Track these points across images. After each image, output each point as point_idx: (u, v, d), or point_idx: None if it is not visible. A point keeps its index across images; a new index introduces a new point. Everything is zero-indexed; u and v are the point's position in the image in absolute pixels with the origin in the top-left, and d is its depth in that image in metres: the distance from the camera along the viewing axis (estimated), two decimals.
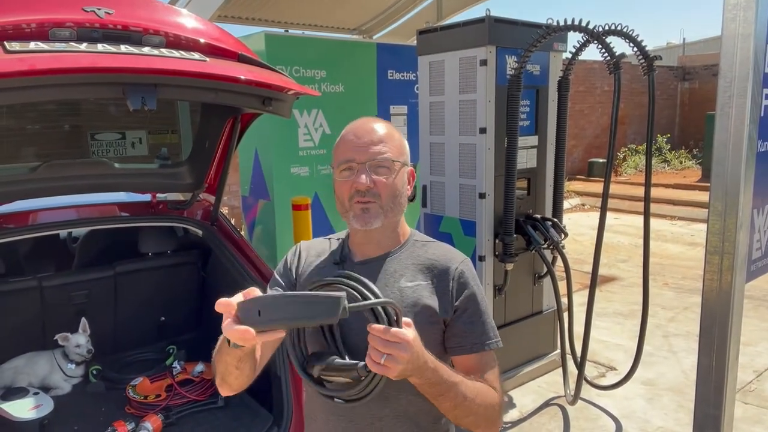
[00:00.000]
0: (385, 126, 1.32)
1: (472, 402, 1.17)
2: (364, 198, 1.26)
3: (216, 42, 2.20)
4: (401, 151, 1.32)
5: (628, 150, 14.10)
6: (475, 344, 1.27)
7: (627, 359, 4.00)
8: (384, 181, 1.26)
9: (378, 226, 1.28)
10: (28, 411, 2.59)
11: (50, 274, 3.09)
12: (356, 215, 1.27)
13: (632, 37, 3.05)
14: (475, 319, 1.29)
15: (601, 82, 14.16)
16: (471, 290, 1.30)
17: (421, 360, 1.08)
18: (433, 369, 1.11)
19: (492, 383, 1.26)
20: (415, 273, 1.31)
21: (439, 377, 1.12)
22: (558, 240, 3.63)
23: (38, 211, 2.85)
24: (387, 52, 5.02)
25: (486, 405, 1.20)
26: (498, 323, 3.71)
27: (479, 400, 1.19)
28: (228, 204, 8.12)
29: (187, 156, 3.01)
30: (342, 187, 1.28)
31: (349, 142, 1.29)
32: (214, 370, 1.28)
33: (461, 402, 1.15)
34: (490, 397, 1.22)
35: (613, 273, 6.57)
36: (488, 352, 1.29)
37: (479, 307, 1.30)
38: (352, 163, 1.27)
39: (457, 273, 1.30)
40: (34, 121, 2.77)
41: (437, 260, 1.32)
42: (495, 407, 1.23)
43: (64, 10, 1.91)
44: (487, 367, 1.27)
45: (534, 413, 3.59)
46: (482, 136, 3.53)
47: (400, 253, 1.35)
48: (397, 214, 1.32)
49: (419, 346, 1.08)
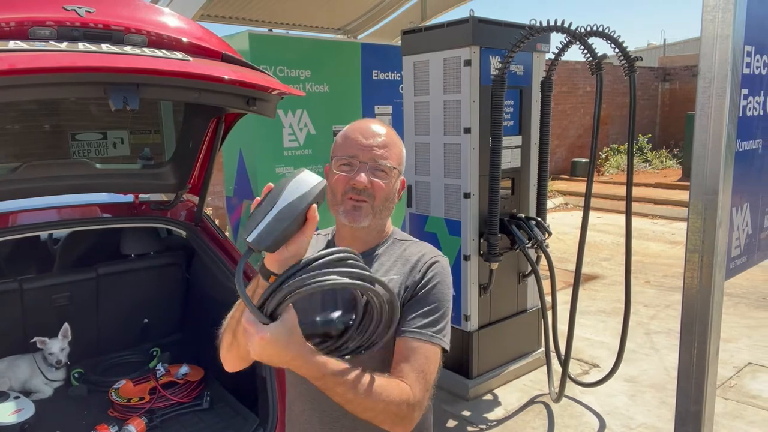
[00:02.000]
0: (391, 133, 1.36)
1: (365, 398, 1.12)
2: (359, 196, 1.29)
3: (199, 41, 2.18)
4: (400, 159, 1.36)
5: (610, 150, 14.25)
6: (406, 330, 1.24)
7: (610, 356, 4.04)
8: (381, 184, 1.30)
9: (365, 225, 1.31)
10: (8, 415, 2.55)
11: (31, 276, 3.04)
12: (346, 210, 1.30)
13: (614, 38, 3.09)
14: (420, 306, 1.27)
15: (584, 82, 14.29)
16: (433, 281, 1.29)
17: (283, 356, 1.06)
18: (309, 367, 1.09)
19: (410, 379, 1.20)
20: (390, 269, 1.34)
21: (318, 374, 1.10)
22: (542, 239, 3.67)
23: (18, 213, 2.80)
24: (372, 52, 5.02)
25: (387, 402, 1.14)
26: (483, 322, 3.78)
27: (376, 396, 1.13)
28: (212, 204, 8.05)
29: (171, 156, 2.98)
30: (338, 180, 1.30)
31: (355, 140, 1.31)
32: (221, 336, 1.28)
33: (351, 398, 1.12)
34: (397, 393, 1.16)
35: (596, 271, 6.64)
36: (419, 344, 1.24)
37: (434, 298, 1.28)
38: (354, 159, 1.29)
39: (427, 264, 1.32)
40: (13, 120, 2.73)
41: (411, 256, 1.35)
42: (402, 404, 1.16)
43: (44, 9, 1.89)
44: (411, 358, 1.22)
45: (519, 411, 3.61)
46: (467, 136, 3.55)
47: (380, 251, 1.38)
48: (385, 217, 1.36)
49: (281, 344, 1.04)
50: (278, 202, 1.03)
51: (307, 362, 1.08)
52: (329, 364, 1.11)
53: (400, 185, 1.39)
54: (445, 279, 1.32)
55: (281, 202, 1.03)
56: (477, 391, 3.77)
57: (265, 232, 1.01)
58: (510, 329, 3.99)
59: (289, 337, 1.05)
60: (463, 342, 3.77)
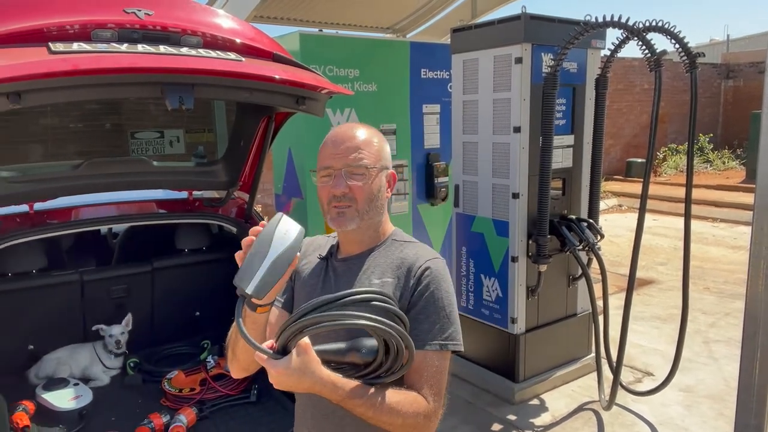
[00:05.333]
0: (365, 132, 1.38)
1: (385, 415, 1.18)
2: (341, 203, 1.34)
3: (252, 42, 2.23)
4: (379, 156, 1.37)
5: (668, 150, 13.73)
6: (416, 342, 1.24)
7: (664, 365, 3.89)
8: (360, 186, 1.33)
9: (353, 228, 1.35)
10: (68, 401, 2.68)
11: (91, 269, 3.19)
12: (332, 218, 1.36)
13: (674, 34, 2.97)
14: (423, 317, 1.29)
15: (641, 79, 13.83)
16: (429, 288, 1.31)
17: (302, 386, 1.11)
18: (328, 392, 1.14)
19: (424, 391, 1.24)
20: (385, 271, 1.36)
21: (338, 398, 1.15)
22: (594, 241, 3.56)
23: (80, 208, 2.94)
24: (420, 51, 5.00)
25: (405, 416, 1.19)
26: (530, 325, 3.70)
27: (395, 413, 1.18)
28: (261, 202, 8.23)
29: (223, 154, 3.06)
30: (321, 191, 1.37)
31: (328, 149, 1.36)
32: (227, 347, 1.38)
33: (371, 416, 1.17)
34: (413, 407, 1.21)
35: (651, 276, 6.41)
36: (431, 354, 1.27)
37: (435, 305, 1.30)
38: (330, 169, 1.34)
39: (420, 270, 1.32)
40: (77, 120, 2.86)
41: (406, 259, 1.36)
42: (419, 417, 1.21)
43: (105, 12, 1.97)
44: (423, 369, 1.25)
45: (567, 418, 3.53)
46: (516, 135, 3.48)
47: (377, 252, 1.40)
48: (374, 216, 1.38)
49: (297, 375, 1.09)
50: (269, 254, 1.13)
51: (326, 387, 1.13)
52: (348, 386, 1.15)
53: (388, 179, 1.41)
54: (441, 283, 1.33)
55: (272, 253, 1.14)
56: (523, 395, 3.70)
57: (262, 283, 1.12)
58: (559, 333, 3.90)
59: (304, 368, 1.10)
60: (510, 345, 3.71)
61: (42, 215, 2.79)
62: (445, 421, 3.82)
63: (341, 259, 1.43)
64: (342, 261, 1.42)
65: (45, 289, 2.94)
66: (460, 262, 4.02)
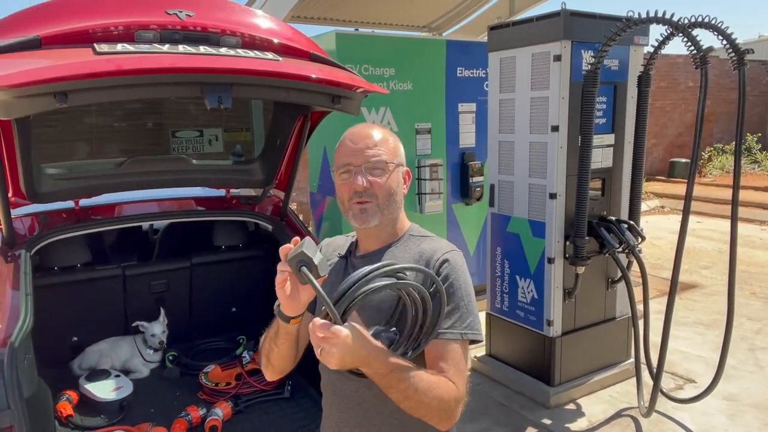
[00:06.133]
0: (380, 131, 1.42)
1: (423, 395, 1.19)
2: (362, 198, 1.36)
3: (289, 42, 2.25)
4: (395, 153, 1.41)
5: (713, 149, 13.27)
6: (441, 331, 1.29)
7: (707, 372, 3.76)
8: (379, 182, 1.36)
9: (376, 223, 1.38)
10: (109, 392, 2.76)
11: (132, 264, 3.27)
12: (355, 215, 1.38)
13: (721, 30, 2.86)
14: (448, 310, 1.30)
15: (685, 77, 13.41)
16: (448, 279, 1.33)
17: (359, 354, 1.13)
18: (380, 363, 1.16)
19: (452, 376, 1.26)
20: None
21: (386, 370, 1.17)
22: (634, 243, 3.46)
23: (123, 204, 3.02)
24: (456, 49, 4.95)
25: (440, 399, 1.21)
26: (567, 328, 3.63)
27: (432, 393, 1.20)
28: (296, 200, 8.31)
29: (259, 153, 3.10)
30: (341, 188, 1.40)
31: (346, 147, 1.39)
32: (260, 353, 1.44)
33: (412, 395, 1.18)
34: (447, 391, 1.23)
35: (695, 280, 6.20)
36: (453, 343, 1.29)
37: (454, 295, 1.32)
38: (349, 166, 1.37)
39: (438, 263, 1.34)
40: (120, 119, 2.95)
41: (424, 252, 1.38)
42: (450, 402, 1.23)
43: (148, 13, 2.02)
44: (448, 357, 1.28)
45: (604, 423, 3.44)
46: (554, 134, 3.42)
47: (395, 247, 1.42)
48: (393, 211, 1.41)
49: (359, 342, 1.13)
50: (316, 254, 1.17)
51: (379, 356, 1.16)
52: (395, 358, 1.19)
53: (404, 176, 1.44)
54: (459, 275, 1.34)
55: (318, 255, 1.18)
56: (559, 399, 3.63)
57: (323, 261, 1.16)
58: (596, 337, 3.81)
59: (361, 336, 1.14)
60: (545, 347, 3.65)
61: (87, 211, 2.88)
62: (477, 422, 3.77)
63: (360, 256, 1.46)
64: (361, 258, 1.45)
65: (89, 283, 3.04)
66: (494, 262, 3.97)
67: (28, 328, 2.04)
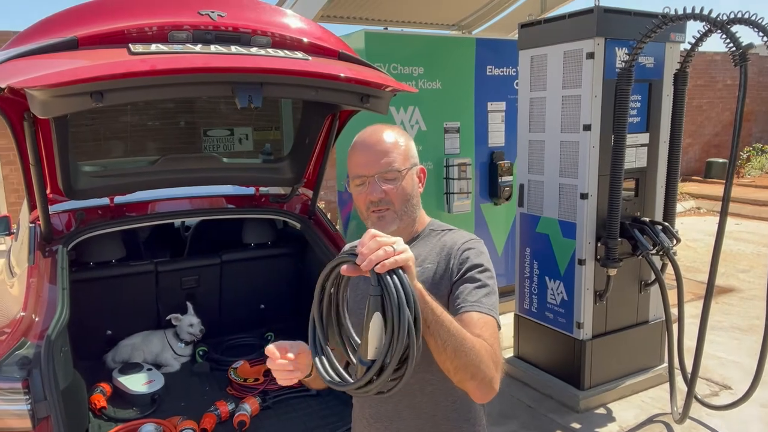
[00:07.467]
0: (391, 134, 1.41)
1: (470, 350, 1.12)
2: (379, 207, 1.37)
3: (318, 41, 2.26)
4: (407, 155, 1.41)
5: (752, 149, 12.84)
6: (474, 303, 1.26)
7: (744, 378, 3.64)
8: (394, 189, 1.36)
9: (394, 228, 1.38)
10: (142, 385, 2.83)
11: (165, 260, 3.34)
12: (373, 222, 1.39)
13: (761, 26, 2.76)
14: (470, 284, 1.29)
15: (723, 75, 13.01)
16: (472, 262, 1.32)
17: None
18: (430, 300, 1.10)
19: (488, 340, 1.20)
20: (425, 258, 1.38)
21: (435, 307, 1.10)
22: (669, 245, 3.38)
23: (156, 201, 3.09)
24: (486, 48, 4.91)
25: (482, 358, 1.14)
26: (598, 331, 3.57)
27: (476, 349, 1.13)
28: (324, 199, 8.36)
29: (288, 152, 3.13)
30: (358, 199, 1.41)
31: (357, 158, 1.39)
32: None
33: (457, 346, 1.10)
34: (487, 351, 1.16)
35: (732, 283, 6.02)
36: (482, 316, 1.25)
37: (478, 276, 1.30)
38: (363, 177, 1.38)
39: (460, 250, 1.35)
40: (153, 118, 3.00)
41: (446, 243, 1.39)
42: (491, 365, 1.16)
43: (181, 14, 2.05)
44: (481, 326, 1.22)
45: (635, 429, 3.37)
46: (586, 133, 3.36)
47: (416, 243, 1.43)
48: (412, 213, 1.41)
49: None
50: None
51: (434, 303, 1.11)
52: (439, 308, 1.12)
53: (418, 176, 1.44)
54: (482, 258, 1.34)
55: None
56: (588, 403, 3.56)
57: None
58: (628, 341, 3.73)
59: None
60: (575, 350, 3.59)
61: (121, 208, 2.95)
62: (505, 425, 3.72)
63: None
64: None
65: (123, 278, 3.11)
66: (523, 263, 3.92)
67: (65, 322, 2.10)
